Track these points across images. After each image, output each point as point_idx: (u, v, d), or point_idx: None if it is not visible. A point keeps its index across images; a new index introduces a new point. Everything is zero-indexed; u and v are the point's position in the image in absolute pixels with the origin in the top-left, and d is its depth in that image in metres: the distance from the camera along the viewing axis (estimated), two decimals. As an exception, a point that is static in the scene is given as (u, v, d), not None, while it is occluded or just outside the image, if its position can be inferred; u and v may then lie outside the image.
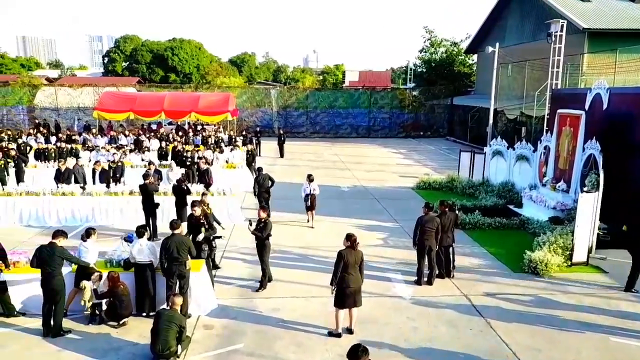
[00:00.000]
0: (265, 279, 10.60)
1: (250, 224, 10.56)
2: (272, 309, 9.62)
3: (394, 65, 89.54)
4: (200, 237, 10.35)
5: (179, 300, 7.76)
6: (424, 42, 47.54)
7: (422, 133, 42.40)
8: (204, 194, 12.95)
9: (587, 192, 12.52)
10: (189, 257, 8.98)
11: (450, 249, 11.33)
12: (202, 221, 10.58)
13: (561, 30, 21.37)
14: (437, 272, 11.04)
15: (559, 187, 15.47)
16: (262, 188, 15.76)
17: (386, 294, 10.37)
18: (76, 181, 16.40)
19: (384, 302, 10.03)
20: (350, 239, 8.60)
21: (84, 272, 9.03)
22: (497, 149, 19.48)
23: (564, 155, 15.84)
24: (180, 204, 14.00)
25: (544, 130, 20.25)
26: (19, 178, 18.12)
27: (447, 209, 11.27)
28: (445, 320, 9.22)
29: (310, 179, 15.60)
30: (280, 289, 10.56)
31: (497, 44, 26.62)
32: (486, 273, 11.63)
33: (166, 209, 14.72)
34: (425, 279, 10.88)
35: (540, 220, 14.63)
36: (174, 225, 9.16)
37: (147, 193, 13.82)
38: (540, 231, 13.65)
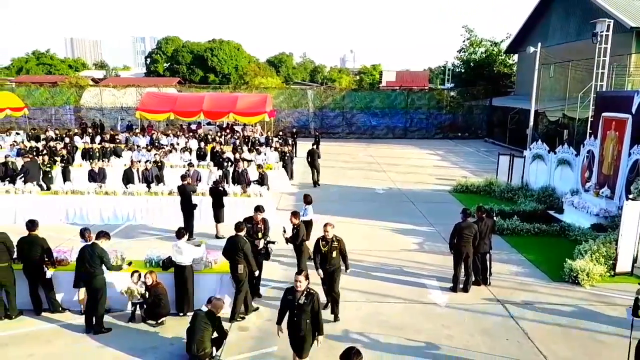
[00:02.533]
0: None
1: (284, 231, 10.67)
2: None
3: (431, 65, 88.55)
4: (261, 243, 10.42)
5: (219, 303, 7.90)
6: (463, 41, 46.85)
7: (459, 134, 41.77)
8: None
9: (632, 199, 12.08)
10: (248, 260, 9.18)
11: (487, 255, 11.15)
12: (260, 226, 10.65)
13: (607, 30, 20.69)
14: (473, 279, 10.88)
15: (602, 193, 14.98)
16: None
17: (421, 300, 10.29)
18: (146, 181, 16.84)
19: (418, 308, 9.96)
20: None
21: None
22: (538, 152, 19.01)
23: (608, 160, 15.33)
24: (217, 205, 14.26)
25: (587, 134, 19.66)
26: (65, 177, 18.81)
27: (484, 215, 11.09)
28: (481, 329, 9.08)
29: (307, 200, 13.17)
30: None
31: (539, 44, 25.97)
32: (524, 281, 11.39)
33: (204, 210, 14.99)
34: (461, 286, 10.74)
35: (582, 227, 14.21)
36: (239, 227, 9.37)
37: (185, 194, 14.12)
38: (582, 238, 13.26)
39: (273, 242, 10.82)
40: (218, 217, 14.32)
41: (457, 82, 49.69)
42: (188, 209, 14.10)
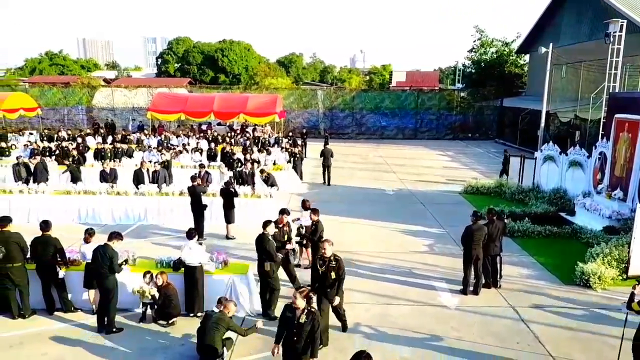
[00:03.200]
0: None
1: (302, 227, 10.72)
2: (314, 313, 9.71)
3: (442, 65, 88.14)
4: (291, 245, 10.60)
5: (231, 305, 7.95)
6: (474, 42, 46.53)
7: (470, 135, 41.58)
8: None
9: (645, 202, 11.97)
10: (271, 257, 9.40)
11: (498, 258, 11.10)
12: (286, 228, 10.68)
13: (620, 30, 20.48)
14: (483, 281, 10.85)
15: (614, 195, 14.85)
16: None
17: (430, 303, 10.28)
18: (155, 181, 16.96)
19: (428, 310, 9.95)
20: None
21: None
22: (549, 154, 18.88)
23: (620, 162, 15.19)
24: (228, 206, 14.32)
25: (600, 135, 19.47)
26: (75, 178, 18.93)
27: (494, 218, 11.05)
28: (491, 332, 9.05)
29: (305, 206, 12.51)
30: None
31: (551, 44, 25.75)
32: (535, 284, 11.33)
33: (215, 211, 15.06)
34: (471, 289, 10.70)
35: (594, 230, 14.09)
36: (266, 225, 9.56)
37: (195, 195, 14.20)
38: (594, 241, 13.15)
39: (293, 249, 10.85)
40: (228, 218, 14.39)
41: (468, 83, 49.46)
42: (198, 209, 14.18)
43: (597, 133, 21.50)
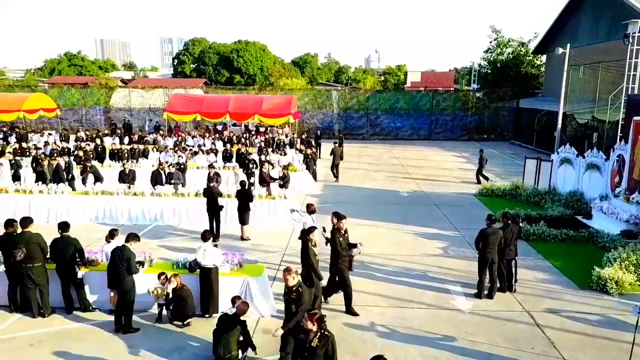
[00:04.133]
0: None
1: (324, 231, 10.75)
2: (329, 316, 9.75)
3: (457, 66, 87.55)
4: (356, 250, 10.39)
5: (244, 307, 8.03)
6: (490, 42, 46.14)
7: (485, 136, 41.26)
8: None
9: (664, 206, 11.81)
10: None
11: (513, 262, 11.04)
12: (346, 235, 10.44)
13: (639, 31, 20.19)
14: (498, 285, 10.79)
15: (633, 198, 14.66)
16: None
17: (444, 306, 10.26)
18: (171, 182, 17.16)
19: (441, 314, 9.93)
20: None
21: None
22: (566, 156, 18.69)
23: (639, 165, 14.98)
24: (243, 208, 14.39)
25: (618, 138, 19.22)
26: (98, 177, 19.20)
27: (509, 221, 11.00)
28: (506, 337, 9.01)
29: (310, 210, 12.21)
30: (336, 297, 10.67)
31: (568, 45, 25.49)
32: (550, 288, 11.24)
33: (229, 212, 15.17)
34: (486, 292, 10.66)
35: (611, 234, 13.94)
36: (308, 232, 9.70)
37: (212, 196, 14.33)
38: (611, 245, 13.02)
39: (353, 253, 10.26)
40: (243, 220, 14.48)
41: (483, 83, 49.09)
42: (214, 211, 14.30)
43: (615, 135, 21.22)
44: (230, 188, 16.70)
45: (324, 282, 10.12)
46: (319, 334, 6.33)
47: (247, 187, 14.76)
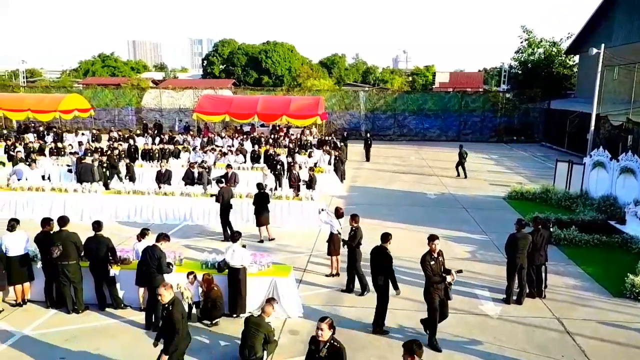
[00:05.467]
0: (362, 285, 10.86)
1: (340, 233, 10.80)
2: (356, 318, 9.79)
3: (486, 66, 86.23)
4: (450, 278, 9.34)
5: (269, 309, 8.12)
6: (521, 42, 45.34)
7: (515, 138, 40.58)
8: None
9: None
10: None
11: (543, 267, 10.87)
12: (441, 258, 9.68)
13: (678, 31, 19.57)
14: (527, 291, 10.64)
15: (669, 204, 14.24)
16: None
17: (472, 311, 10.17)
18: (200, 182, 17.45)
19: (469, 319, 9.85)
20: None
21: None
22: (599, 160, 18.25)
23: (676, 169, 14.55)
24: (260, 210, 14.43)
25: (654, 141, 18.69)
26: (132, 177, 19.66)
27: (540, 226, 10.82)
28: (535, 345, 8.88)
29: (339, 213, 12.04)
30: (364, 299, 10.70)
31: (602, 45, 24.89)
32: (582, 295, 11.02)
33: (251, 212, 15.33)
34: (515, 298, 10.52)
35: (646, 240, 13.57)
36: (386, 238, 9.44)
37: (222, 197, 14.51)
38: (646, 252, 12.68)
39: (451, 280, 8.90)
40: (261, 221, 14.51)
41: (513, 84, 48.27)
42: (224, 211, 14.51)
43: (651, 138, 20.64)
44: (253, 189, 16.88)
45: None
46: (328, 344, 6.15)
47: (264, 189, 14.84)
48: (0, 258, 9.63)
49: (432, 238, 8.90)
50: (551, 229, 12.35)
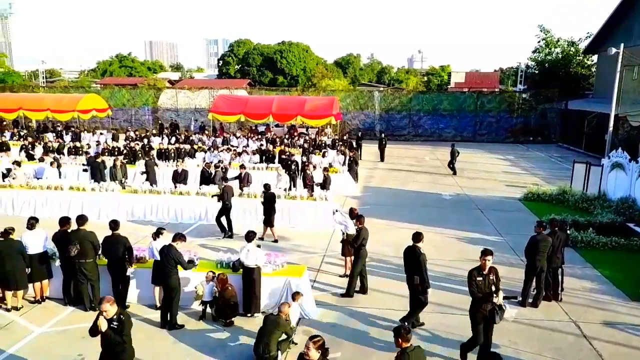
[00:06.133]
0: (350, 288, 10.80)
1: (346, 234, 10.81)
2: (370, 319, 9.79)
3: (502, 66, 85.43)
4: (497, 300, 8.54)
5: (285, 309, 8.18)
6: (538, 41, 44.81)
7: (531, 138, 40.17)
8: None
9: None
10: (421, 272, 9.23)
11: (559, 270, 10.75)
12: (492, 277, 9.75)
13: (700, 31, 19.21)
14: (543, 294, 10.53)
15: (690, 207, 13.99)
16: None
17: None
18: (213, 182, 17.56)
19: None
20: None
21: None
22: (617, 161, 17.99)
23: (697, 171, 14.29)
24: (269, 210, 14.51)
25: (675, 142, 18.37)
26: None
27: (557, 229, 10.71)
28: (551, 348, 8.79)
29: (354, 214, 11.80)
30: (379, 300, 10.69)
31: (622, 44, 24.51)
32: (599, 298, 10.88)
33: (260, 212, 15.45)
34: (530, 300, 10.42)
35: (666, 243, 13.35)
36: (417, 237, 9.44)
37: (226, 195, 14.72)
38: (665, 255, 12.47)
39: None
40: (269, 221, 14.58)
41: (530, 84, 47.75)
42: (224, 210, 14.73)
43: (671, 139, 20.29)
44: (273, 189, 16.94)
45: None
46: None
47: (271, 189, 14.91)
48: (24, 257, 9.81)
49: (485, 253, 8.10)
50: (568, 231, 12.19)
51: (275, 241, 14.33)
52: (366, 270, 11.14)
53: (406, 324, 8.32)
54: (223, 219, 14.94)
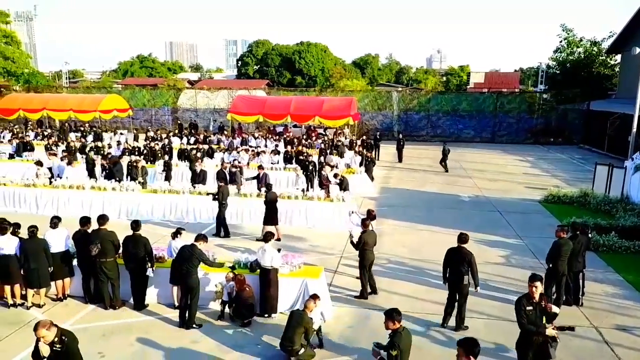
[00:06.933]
0: (363, 290, 10.81)
1: (351, 236, 10.82)
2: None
3: (523, 66, 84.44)
4: (550, 332, 7.67)
5: (311, 304, 8.33)
6: (560, 41, 44.17)
7: (552, 140, 39.58)
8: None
9: None
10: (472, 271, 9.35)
11: (580, 274, 10.59)
12: (543, 303, 9.40)
13: None
14: (564, 298, 10.38)
15: None
16: None
17: (506, 317, 9.95)
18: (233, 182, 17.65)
19: (503, 325, 9.66)
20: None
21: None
22: (641, 163, 17.65)
23: None
24: (271, 210, 14.49)
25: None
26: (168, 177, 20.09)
27: (578, 232, 10.54)
28: (571, 353, 8.65)
29: (371, 215, 11.91)
30: (396, 302, 10.62)
31: (647, 44, 24.02)
32: (621, 304, 10.68)
33: (285, 212, 15.59)
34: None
35: (691, 248, 13.04)
36: (462, 238, 9.51)
37: (222, 195, 14.86)
38: (691, 260, 12.19)
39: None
40: (272, 221, 14.57)
41: (551, 84, 47.07)
42: (220, 210, 14.89)
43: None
44: (290, 189, 17.03)
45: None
46: None
47: (272, 189, 14.94)
48: (47, 255, 10.01)
49: (532, 279, 7.34)
50: (589, 235, 12.00)
51: (278, 239, 14.33)
52: (371, 273, 11.02)
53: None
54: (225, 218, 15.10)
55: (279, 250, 10.21)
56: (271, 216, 14.49)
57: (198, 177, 17.87)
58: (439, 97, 42.55)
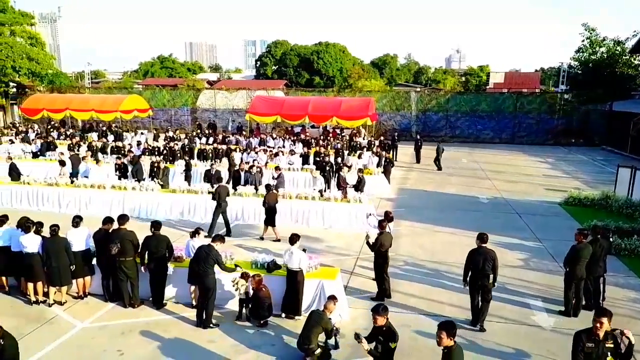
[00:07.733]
0: (380, 290, 10.81)
1: (368, 237, 10.80)
2: (402, 324, 9.71)
3: (544, 66, 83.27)
4: None
5: (331, 306, 8.44)
6: (582, 41, 43.42)
7: (573, 141, 38.96)
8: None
9: None
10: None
11: (601, 279, 10.41)
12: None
13: None
14: (583, 303, 10.23)
15: None
16: None
17: (524, 322, 9.88)
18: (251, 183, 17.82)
19: (521, 330, 9.57)
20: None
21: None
22: (666, 166, 17.28)
23: None
24: (271, 211, 14.60)
25: None
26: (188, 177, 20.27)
27: (599, 236, 10.38)
28: None
29: (389, 217, 11.79)
30: (413, 303, 10.62)
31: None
32: (643, 309, 10.49)
33: (296, 212, 15.74)
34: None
35: None
36: (483, 238, 9.67)
37: (218, 195, 14.91)
38: None
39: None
40: (271, 221, 14.69)
41: (573, 85, 46.33)
42: (216, 209, 14.97)
43: None
44: (307, 190, 17.06)
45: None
46: None
47: (272, 189, 15.02)
48: (69, 254, 10.21)
49: (599, 313, 6.47)
50: (611, 239, 11.80)
51: (278, 240, 14.34)
52: (387, 275, 11.00)
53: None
54: (221, 218, 15.21)
55: (304, 250, 10.20)
56: (270, 217, 14.64)
57: (213, 177, 18.03)
58: (458, 98, 42.22)
